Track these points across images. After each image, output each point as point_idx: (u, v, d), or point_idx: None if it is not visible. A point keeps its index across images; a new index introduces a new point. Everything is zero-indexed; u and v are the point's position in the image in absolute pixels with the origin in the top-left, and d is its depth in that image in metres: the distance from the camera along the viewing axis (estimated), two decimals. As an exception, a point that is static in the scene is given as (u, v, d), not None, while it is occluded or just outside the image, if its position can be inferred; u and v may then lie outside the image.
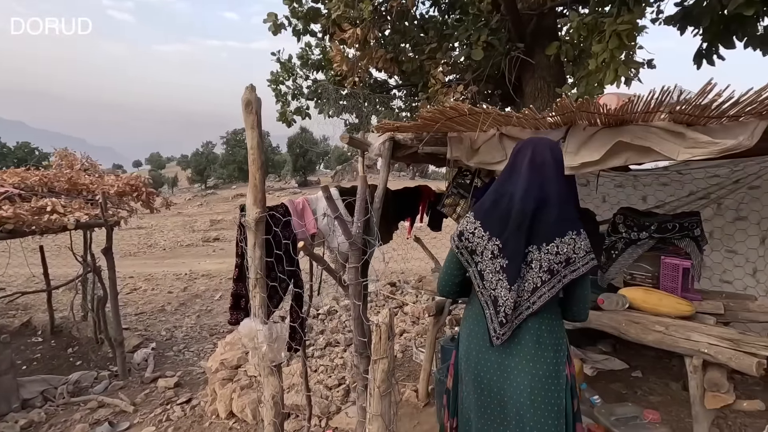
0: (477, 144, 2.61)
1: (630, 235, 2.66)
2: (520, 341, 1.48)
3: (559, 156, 1.59)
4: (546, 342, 1.48)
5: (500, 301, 1.45)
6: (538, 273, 1.43)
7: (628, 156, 2.15)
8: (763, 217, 3.09)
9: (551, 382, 1.46)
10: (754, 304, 2.56)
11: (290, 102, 4.49)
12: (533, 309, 1.44)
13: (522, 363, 1.47)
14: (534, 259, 1.44)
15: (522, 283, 1.45)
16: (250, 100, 1.67)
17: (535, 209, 1.45)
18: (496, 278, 1.47)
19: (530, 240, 1.45)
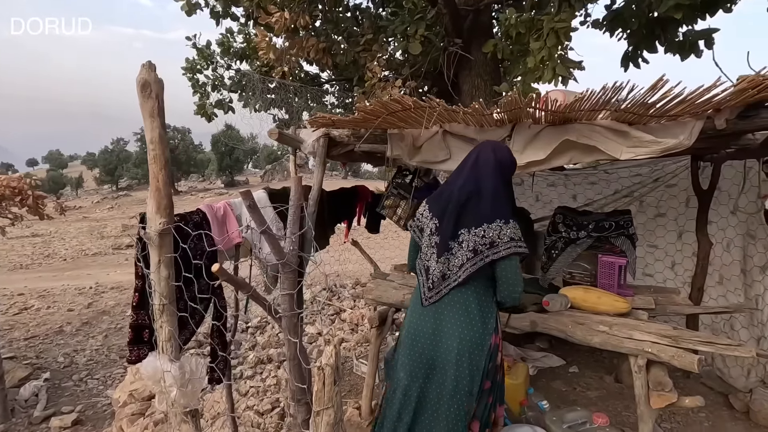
0: (419, 142, 2.44)
1: (569, 235, 2.66)
2: (452, 309, 1.73)
3: (502, 156, 1.82)
4: (474, 312, 1.71)
5: (431, 270, 1.76)
6: (465, 252, 1.69)
7: (573, 155, 2.10)
8: (680, 213, 3.31)
9: (476, 347, 1.70)
10: (678, 297, 2.68)
11: (210, 94, 4.02)
12: (459, 281, 1.69)
13: (453, 328, 1.71)
14: (465, 240, 1.69)
15: (453, 259, 1.71)
16: (147, 81, 1.31)
17: (467, 200, 1.72)
18: (430, 252, 1.78)
19: (461, 224, 1.71)
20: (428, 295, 1.77)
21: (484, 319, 1.72)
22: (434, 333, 1.74)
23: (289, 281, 1.61)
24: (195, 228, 1.79)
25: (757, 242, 2.76)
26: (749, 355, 1.87)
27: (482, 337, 1.71)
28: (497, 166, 1.77)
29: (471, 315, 1.71)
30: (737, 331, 2.93)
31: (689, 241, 3.25)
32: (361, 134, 2.69)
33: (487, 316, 1.74)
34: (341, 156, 3.10)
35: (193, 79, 3.92)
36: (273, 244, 1.61)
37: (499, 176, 1.76)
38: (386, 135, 2.53)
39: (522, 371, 2.53)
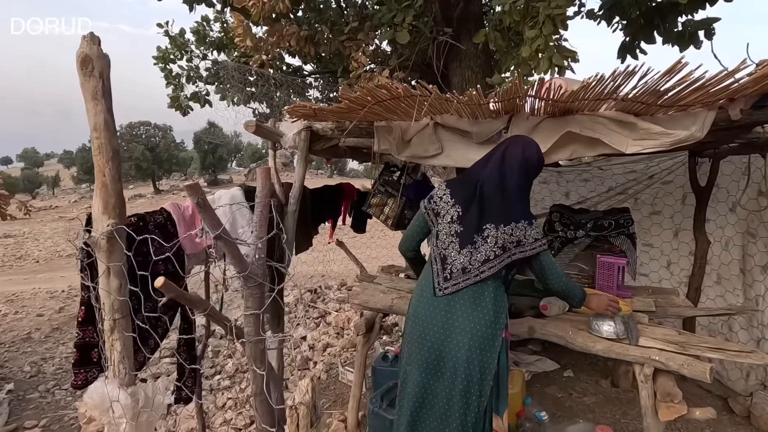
0: (408, 135, 2.27)
1: (566, 234, 2.52)
2: (465, 302, 1.64)
3: (530, 155, 1.71)
4: (488, 307, 1.64)
5: (449, 260, 1.67)
6: (492, 247, 1.63)
7: (575, 148, 1.95)
8: (676, 211, 3.21)
9: (487, 343, 1.62)
10: (678, 298, 2.56)
11: (184, 86, 3.76)
12: (481, 277, 1.63)
13: (464, 323, 1.63)
14: (491, 235, 1.63)
15: (475, 253, 1.63)
16: (88, 56, 1.08)
17: (493, 194, 1.66)
18: (449, 240, 1.69)
19: (486, 218, 1.65)
20: (444, 285, 1.67)
21: (497, 314, 1.66)
22: (444, 326, 1.66)
23: (254, 299, 1.33)
24: (158, 230, 1.58)
25: (758, 241, 2.67)
26: (762, 362, 1.75)
27: (494, 333, 1.65)
28: (524, 163, 1.69)
29: (485, 309, 1.64)
30: (736, 332, 2.84)
31: (686, 240, 3.16)
32: (346, 127, 2.50)
33: (499, 310, 1.68)
34: (325, 151, 2.91)
35: (166, 69, 3.66)
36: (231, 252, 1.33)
37: (524, 175, 1.70)
38: (372, 128, 2.35)
39: (518, 379, 2.39)
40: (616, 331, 1.97)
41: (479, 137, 2.06)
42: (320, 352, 3.79)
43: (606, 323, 2.01)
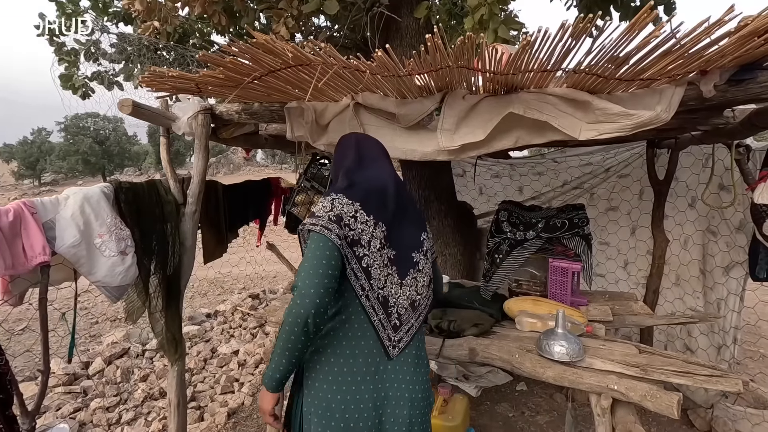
0: (324, 118, 1.85)
1: (516, 236, 2.19)
2: (407, 357, 1.20)
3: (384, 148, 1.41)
4: (422, 355, 1.27)
5: (391, 301, 1.18)
6: (430, 261, 1.29)
7: (520, 135, 1.60)
8: (633, 207, 2.98)
9: (426, 404, 1.24)
10: (637, 305, 2.30)
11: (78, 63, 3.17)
12: (427, 304, 1.27)
13: (403, 387, 1.18)
14: (429, 247, 1.29)
15: (420, 277, 1.24)
16: None
17: (404, 196, 1.29)
18: (385, 273, 1.17)
19: (419, 227, 1.29)
20: (397, 338, 1.18)
21: (426, 359, 1.31)
22: (376, 404, 1.15)
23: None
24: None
25: (719, 239, 2.45)
26: (735, 389, 1.47)
27: (430, 389, 1.27)
28: (388, 158, 1.39)
29: (421, 359, 1.25)
30: (695, 338, 2.63)
31: (643, 238, 2.93)
32: (254, 110, 2.06)
33: (425, 353, 1.33)
34: (238, 140, 2.45)
35: (55, 42, 3.06)
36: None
37: None
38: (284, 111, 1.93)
39: (459, 408, 2.05)
40: (569, 352, 1.65)
41: (406, 120, 1.68)
42: (250, 370, 3.33)
43: (557, 343, 1.69)
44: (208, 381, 3.21)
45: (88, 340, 4.15)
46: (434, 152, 1.67)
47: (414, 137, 1.72)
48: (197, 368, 3.37)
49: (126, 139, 43.55)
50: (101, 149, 40.62)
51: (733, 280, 2.39)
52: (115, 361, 3.41)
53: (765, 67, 1.27)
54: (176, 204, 2.08)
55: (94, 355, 3.43)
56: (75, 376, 3.20)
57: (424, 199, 3.15)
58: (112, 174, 40.24)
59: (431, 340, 1.89)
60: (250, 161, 38.16)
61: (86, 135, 39.39)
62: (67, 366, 3.16)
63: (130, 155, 44.60)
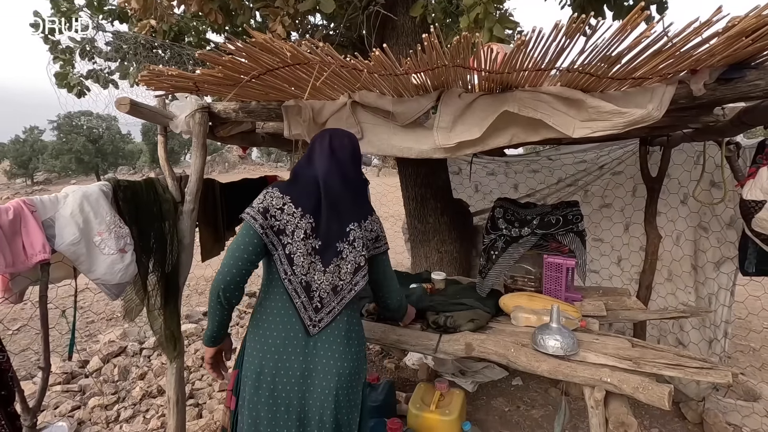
0: (322, 116, 1.87)
1: (511, 232, 2.22)
2: (335, 334, 1.35)
3: (356, 143, 1.51)
4: (353, 335, 1.40)
5: (314, 286, 1.33)
6: (360, 252, 1.37)
7: (515, 133, 1.63)
8: (627, 203, 3.02)
9: (355, 379, 1.37)
10: (630, 300, 2.34)
11: (74, 61, 3.15)
12: (356, 290, 1.37)
13: (331, 361, 1.33)
14: (356, 237, 1.37)
15: (344, 264, 1.36)
16: None
17: (343, 190, 1.38)
18: (308, 261, 1.32)
19: (347, 218, 1.37)
20: (317, 318, 1.34)
21: (361, 339, 1.45)
22: (304, 374, 1.32)
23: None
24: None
25: (711, 235, 2.49)
26: (724, 380, 1.51)
27: (361, 366, 1.41)
28: (353, 152, 1.46)
29: (351, 338, 1.39)
30: (687, 332, 2.67)
31: (636, 235, 2.97)
32: (252, 108, 2.08)
33: (362, 335, 1.47)
34: (234, 138, 2.46)
35: (49, 40, 3.05)
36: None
37: (359, 165, 1.48)
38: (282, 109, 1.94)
39: (456, 402, 2.08)
40: (563, 347, 1.69)
41: (403, 118, 1.70)
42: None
43: (552, 337, 1.72)
44: (206, 378, 3.22)
45: (85, 339, 4.15)
46: (431, 150, 1.69)
47: (411, 135, 1.74)
48: (195, 366, 3.38)
49: (120, 138, 43.20)
50: (95, 148, 40.29)
51: (724, 275, 2.43)
52: (112, 359, 3.41)
53: (753, 65, 1.30)
54: (174, 202, 2.09)
55: (91, 354, 3.43)
56: (72, 374, 3.20)
57: (420, 197, 3.18)
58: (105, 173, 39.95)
59: (428, 335, 1.93)
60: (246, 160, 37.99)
61: (79, 133, 39.04)
62: (64, 365, 3.17)
63: (124, 154, 44.26)
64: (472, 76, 1.50)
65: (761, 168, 1.56)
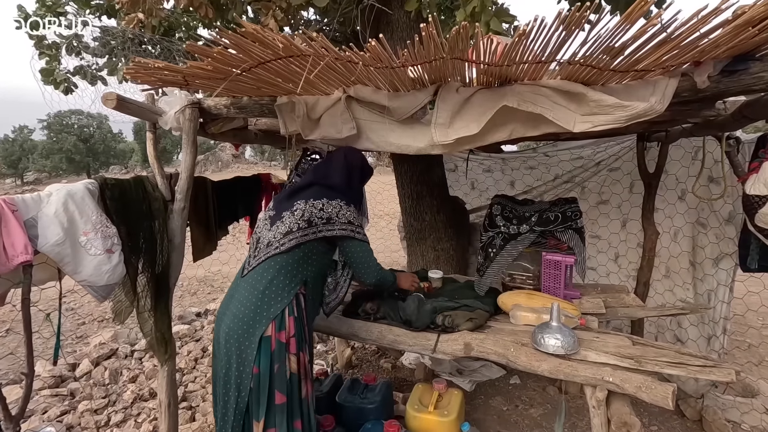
0: (316, 112, 1.82)
1: (509, 230, 2.19)
2: (249, 280, 1.62)
3: (353, 158, 1.87)
4: (260, 288, 1.58)
5: (261, 239, 1.70)
6: (298, 220, 1.64)
7: (514, 128, 1.59)
8: (624, 200, 3.00)
9: (246, 330, 1.53)
10: (629, 297, 2.32)
11: (60, 57, 3.08)
12: (281, 249, 1.61)
13: (236, 302, 1.59)
14: (300, 209, 1.66)
15: (281, 226, 1.64)
16: None
17: (311, 182, 1.78)
18: (263, 224, 1.74)
19: (299, 197, 1.70)
20: (252, 264, 1.67)
21: (266, 300, 1.56)
22: (224, 311, 1.62)
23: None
24: None
25: (709, 231, 2.48)
26: (728, 379, 1.48)
27: (252, 320, 1.54)
28: (346, 164, 1.84)
29: (256, 290, 1.57)
30: (685, 329, 2.66)
31: (634, 231, 2.95)
32: (243, 104, 2.02)
33: (273, 299, 1.57)
34: (226, 135, 2.41)
35: (35, 36, 2.97)
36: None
37: (351, 175, 1.84)
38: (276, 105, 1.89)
39: (455, 402, 2.04)
40: (564, 345, 1.65)
41: (399, 113, 1.65)
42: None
43: (552, 336, 1.69)
44: (200, 381, 3.17)
45: (75, 341, 4.07)
46: (428, 147, 1.65)
47: (407, 132, 1.70)
48: (188, 368, 3.32)
49: (111, 137, 42.73)
50: (86, 147, 39.82)
51: (723, 271, 2.42)
52: (103, 362, 3.34)
53: (757, 57, 1.27)
54: (164, 201, 2.03)
55: (81, 357, 3.35)
56: (62, 378, 3.13)
57: (416, 194, 3.13)
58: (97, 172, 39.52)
59: (426, 335, 1.89)
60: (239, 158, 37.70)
61: (70, 133, 38.55)
62: (53, 368, 3.09)
63: (116, 153, 43.79)
64: (470, 70, 1.46)
65: (764, 162, 1.54)
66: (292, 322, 1.59)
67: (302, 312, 1.65)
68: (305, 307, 1.67)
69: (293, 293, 1.61)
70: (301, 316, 1.64)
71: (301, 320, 1.63)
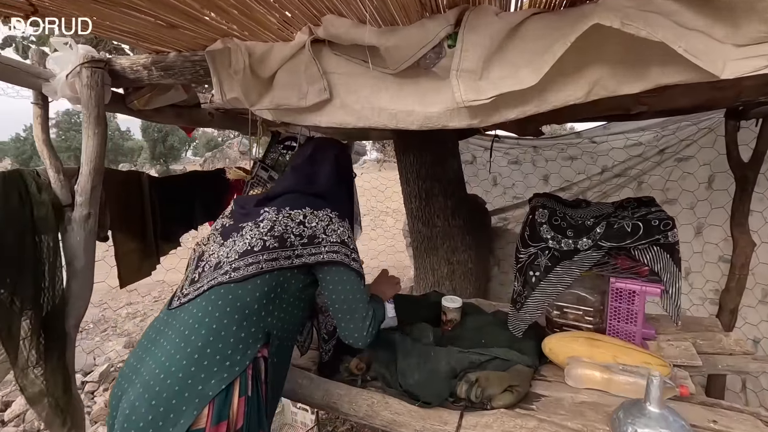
0: (267, 66, 1.16)
1: (561, 244, 1.51)
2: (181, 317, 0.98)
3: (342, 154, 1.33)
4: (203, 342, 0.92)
5: (205, 256, 1.10)
6: (264, 235, 1.06)
7: (599, 78, 0.91)
8: (699, 199, 2.29)
9: (162, 416, 0.85)
10: (728, 339, 1.63)
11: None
12: (231, 276, 1.00)
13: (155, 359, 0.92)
14: (268, 219, 1.09)
15: (239, 241, 1.07)
16: None
17: (293, 186, 1.20)
18: (213, 236, 1.15)
19: (268, 204, 1.15)
20: (186, 291, 1.04)
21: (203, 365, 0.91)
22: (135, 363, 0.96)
23: None
24: None
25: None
26: None
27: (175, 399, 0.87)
28: (335, 159, 1.28)
29: (186, 344, 0.92)
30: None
31: (714, 240, 2.25)
32: (171, 63, 1.37)
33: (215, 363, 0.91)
34: (166, 114, 1.77)
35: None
36: None
37: (338, 172, 1.27)
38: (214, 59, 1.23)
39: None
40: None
41: (396, 58, 0.98)
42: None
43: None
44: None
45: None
46: (446, 112, 0.98)
47: (411, 89, 1.03)
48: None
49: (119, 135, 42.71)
50: (94, 145, 39.89)
51: None
52: (42, 399, 2.74)
53: None
54: (57, 206, 1.40)
55: (16, 395, 2.76)
56: (-11, 420, 2.54)
57: (425, 193, 2.46)
58: (106, 170, 39.64)
59: (441, 415, 1.21)
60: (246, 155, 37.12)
61: (78, 131, 38.56)
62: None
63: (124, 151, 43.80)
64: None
65: None
66: (242, 407, 0.93)
67: (259, 389, 0.98)
68: (266, 380, 1.01)
69: (249, 357, 0.95)
70: (258, 395, 0.97)
71: (256, 403, 0.96)
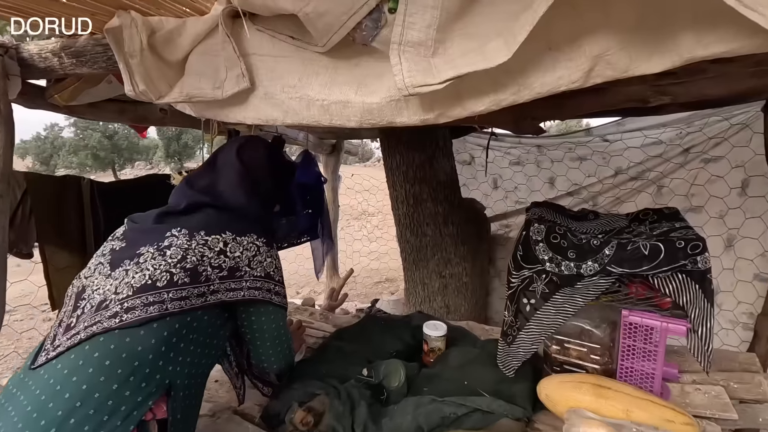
0: (178, 47, 0.91)
1: (561, 267, 1.24)
2: (45, 378, 0.72)
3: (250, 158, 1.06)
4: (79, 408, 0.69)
5: (86, 293, 0.82)
6: (173, 266, 0.82)
7: (603, 51, 0.62)
8: (731, 207, 1.98)
9: None
10: None
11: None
12: (122, 319, 0.76)
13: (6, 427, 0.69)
14: (176, 245, 0.84)
15: (133, 272, 0.81)
16: None
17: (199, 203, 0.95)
18: (97, 262, 0.87)
19: (173, 224, 0.89)
20: (57, 343, 0.75)
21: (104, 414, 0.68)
22: None
23: None
24: None
25: None
26: None
27: None
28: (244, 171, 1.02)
29: (53, 408, 0.67)
30: None
31: (748, 255, 1.94)
32: (82, 48, 1.14)
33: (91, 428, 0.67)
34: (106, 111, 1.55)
35: None
36: None
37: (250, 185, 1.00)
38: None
39: None
40: None
41: (321, 32, 0.72)
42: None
43: None
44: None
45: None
46: (390, 104, 0.71)
47: (347, 74, 0.76)
48: None
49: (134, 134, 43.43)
50: (110, 144, 40.64)
51: None
52: None
53: None
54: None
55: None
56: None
57: (413, 198, 2.20)
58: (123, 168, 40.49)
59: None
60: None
61: (95, 130, 39.30)
62: None
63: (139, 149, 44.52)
64: None
65: None
66: None
67: None
68: None
69: (134, 419, 0.72)
70: None
71: None
